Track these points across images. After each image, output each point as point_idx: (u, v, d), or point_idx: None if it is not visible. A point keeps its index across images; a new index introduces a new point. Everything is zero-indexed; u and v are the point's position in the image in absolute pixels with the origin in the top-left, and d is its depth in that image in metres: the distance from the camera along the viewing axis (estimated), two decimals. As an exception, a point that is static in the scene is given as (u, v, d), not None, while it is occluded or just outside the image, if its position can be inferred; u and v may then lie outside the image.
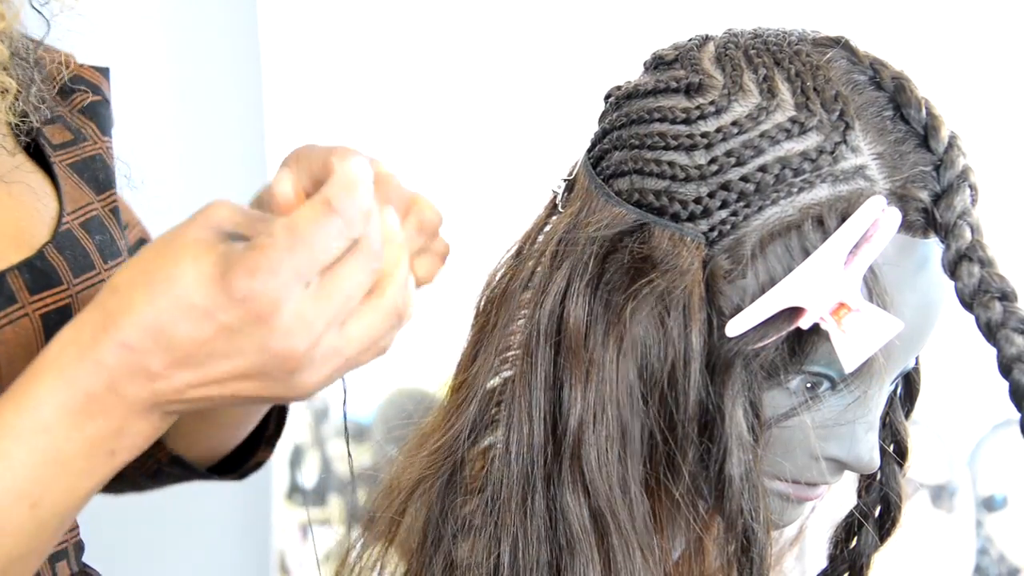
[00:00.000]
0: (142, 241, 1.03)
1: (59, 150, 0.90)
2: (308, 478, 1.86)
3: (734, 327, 0.74)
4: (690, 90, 0.78)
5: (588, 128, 0.85)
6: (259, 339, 0.66)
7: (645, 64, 0.83)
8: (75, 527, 0.87)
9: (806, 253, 0.74)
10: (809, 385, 0.77)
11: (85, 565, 0.88)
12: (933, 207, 0.75)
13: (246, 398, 0.69)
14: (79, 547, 0.87)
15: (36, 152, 0.89)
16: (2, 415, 0.68)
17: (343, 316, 0.67)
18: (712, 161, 0.76)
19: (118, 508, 0.99)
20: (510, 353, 0.82)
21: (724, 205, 0.76)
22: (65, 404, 0.67)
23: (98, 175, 0.92)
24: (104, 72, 0.96)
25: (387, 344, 0.70)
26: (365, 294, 0.68)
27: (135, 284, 0.67)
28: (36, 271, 0.83)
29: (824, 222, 0.74)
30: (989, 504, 1.71)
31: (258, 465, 1.07)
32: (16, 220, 0.85)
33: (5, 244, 0.83)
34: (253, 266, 0.65)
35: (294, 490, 1.87)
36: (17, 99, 0.86)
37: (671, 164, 0.77)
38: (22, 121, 0.87)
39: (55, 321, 0.83)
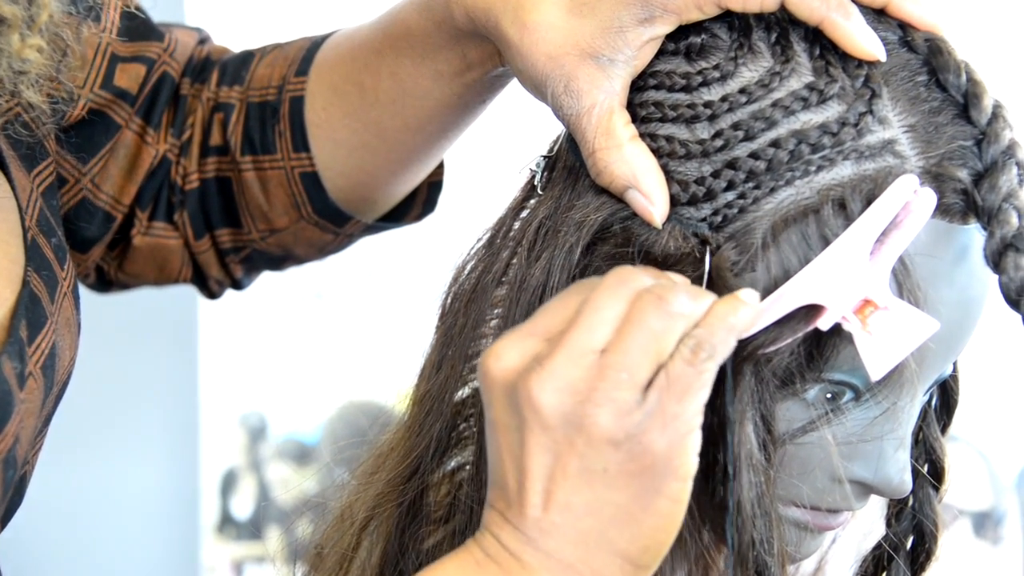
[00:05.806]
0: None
1: None
2: (242, 507, 1.85)
3: (743, 328, 0.74)
4: (691, 52, 0.78)
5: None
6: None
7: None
8: None
9: (826, 242, 0.73)
10: (829, 395, 0.76)
11: None
12: (974, 188, 0.75)
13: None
14: None
15: None
16: None
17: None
18: (717, 135, 0.76)
19: (34, 544, 0.99)
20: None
21: (730, 186, 0.75)
22: None
23: (25, 140, 0.83)
24: None
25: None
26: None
27: None
28: (29, 309, 0.77)
29: (847, 205, 0.73)
30: (1041, 533, 1.73)
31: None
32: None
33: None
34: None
35: (226, 522, 1.87)
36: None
37: (669, 139, 0.77)
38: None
39: (50, 369, 0.78)
